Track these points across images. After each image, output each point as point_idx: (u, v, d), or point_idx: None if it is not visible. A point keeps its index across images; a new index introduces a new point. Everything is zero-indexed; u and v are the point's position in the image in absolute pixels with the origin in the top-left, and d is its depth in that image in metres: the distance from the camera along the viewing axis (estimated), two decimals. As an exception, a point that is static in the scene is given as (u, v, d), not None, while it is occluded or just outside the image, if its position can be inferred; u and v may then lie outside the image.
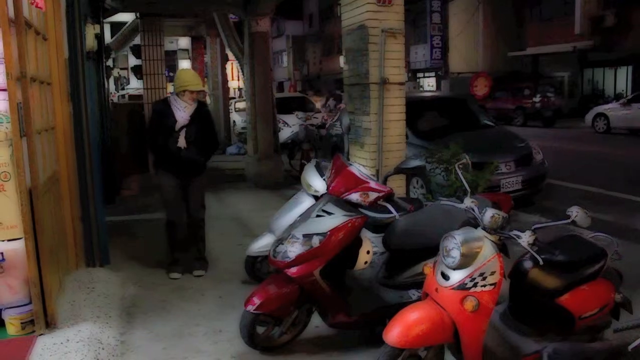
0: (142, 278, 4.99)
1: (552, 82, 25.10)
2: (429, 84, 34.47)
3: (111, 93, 19.34)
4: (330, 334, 3.76)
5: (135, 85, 27.90)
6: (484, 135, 7.92)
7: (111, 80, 21.39)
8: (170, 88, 14.05)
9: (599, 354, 2.81)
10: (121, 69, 30.69)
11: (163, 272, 5.13)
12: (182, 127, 4.84)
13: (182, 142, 4.84)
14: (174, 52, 24.67)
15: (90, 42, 5.63)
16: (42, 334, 3.49)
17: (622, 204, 7.72)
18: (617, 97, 22.17)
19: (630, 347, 2.60)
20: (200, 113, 4.94)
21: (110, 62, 18.61)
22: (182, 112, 4.83)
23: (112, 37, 15.74)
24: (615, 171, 10.23)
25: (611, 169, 10.55)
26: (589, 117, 18.76)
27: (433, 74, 33.88)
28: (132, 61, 27.29)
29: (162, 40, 12.43)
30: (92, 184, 4.93)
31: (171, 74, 21.78)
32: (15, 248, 3.44)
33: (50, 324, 3.55)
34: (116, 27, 15.88)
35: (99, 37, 6.81)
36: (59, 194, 4.50)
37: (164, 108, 4.88)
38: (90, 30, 5.68)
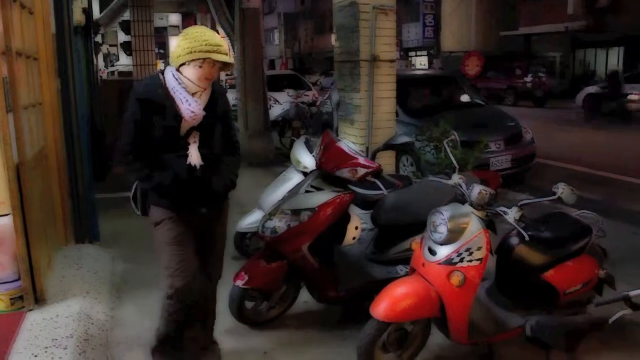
0: (131, 254, 4.97)
1: (544, 62, 25.10)
2: (420, 62, 34.36)
3: (100, 69, 19.14)
4: (318, 309, 3.80)
5: (124, 61, 27.58)
6: (474, 113, 7.96)
7: (100, 57, 21.16)
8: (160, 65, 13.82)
9: (580, 326, 2.86)
10: (110, 45, 30.31)
11: (152, 249, 4.89)
12: (192, 130, 2.75)
13: (195, 158, 2.75)
14: (164, 28, 24.43)
15: (78, 17, 5.54)
16: (31, 310, 3.49)
17: (608, 183, 7.80)
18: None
19: (610, 320, 2.65)
20: (218, 104, 2.84)
21: (99, 38, 18.38)
22: (192, 102, 2.66)
23: (100, 13, 15.52)
24: (602, 151, 10.30)
25: (599, 149, 10.63)
26: (580, 97, 18.79)
27: (425, 52, 33.76)
28: (122, 37, 26.97)
29: (152, 16, 12.29)
30: (81, 160, 4.90)
31: (161, 51, 21.46)
32: (4, 224, 3.42)
33: (39, 300, 3.55)
34: (105, 2, 15.64)
35: (87, 11, 6.70)
36: (47, 170, 4.48)
37: (156, 96, 2.67)
38: (78, 5, 5.60)
